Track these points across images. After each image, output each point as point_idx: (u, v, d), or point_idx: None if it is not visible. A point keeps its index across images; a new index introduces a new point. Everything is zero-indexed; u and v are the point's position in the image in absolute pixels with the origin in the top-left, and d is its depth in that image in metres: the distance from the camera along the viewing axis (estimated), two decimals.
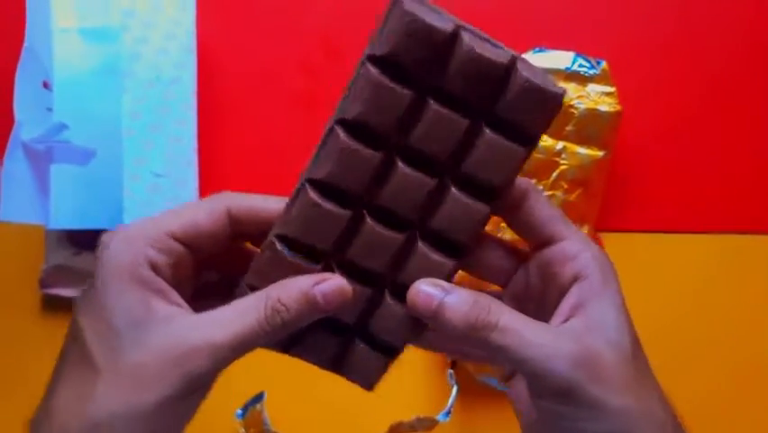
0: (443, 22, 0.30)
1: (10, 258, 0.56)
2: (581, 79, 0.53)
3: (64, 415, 0.28)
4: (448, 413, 0.51)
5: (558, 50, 0.53)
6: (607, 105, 0.52)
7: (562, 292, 0.30)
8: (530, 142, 0.32)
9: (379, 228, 0.31)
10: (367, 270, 0.31)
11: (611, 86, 0.52)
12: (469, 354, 0.36)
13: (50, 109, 0.52)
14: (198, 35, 0.53)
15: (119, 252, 0.28)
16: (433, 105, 0.31)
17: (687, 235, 0.56)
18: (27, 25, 0.51)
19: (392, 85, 0.31)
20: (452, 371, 0.53)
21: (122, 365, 0.27)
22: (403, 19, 0.30)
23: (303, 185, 0.31)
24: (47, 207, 0.51)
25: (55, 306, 0.55)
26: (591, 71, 0.52)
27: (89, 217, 0.51)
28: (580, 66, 0.53)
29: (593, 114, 0.52)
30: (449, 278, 0.32)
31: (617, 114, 0.52)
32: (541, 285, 0.32)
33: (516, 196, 0.31)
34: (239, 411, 0.52)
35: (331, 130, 0.31)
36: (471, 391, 0.54)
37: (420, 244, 0.31)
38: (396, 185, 0.31)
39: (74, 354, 0.29)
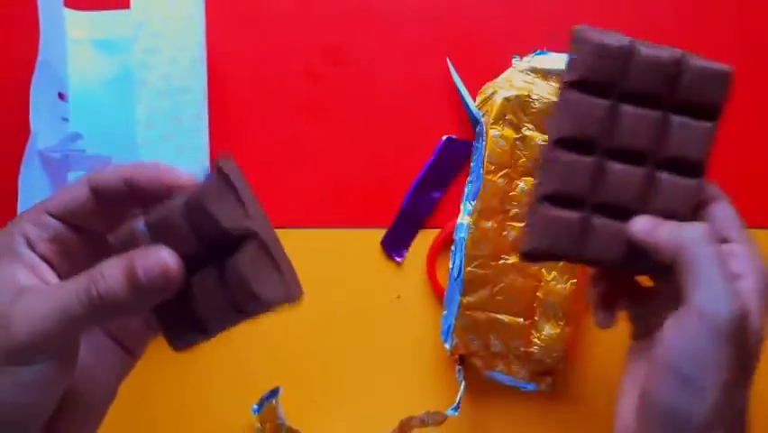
0: (618, 40, 0.39)
1: None
2: None
3: None
4: (457, 408, 0.52)
5: (559, 53, 0.54)
6: None
7: None
8: (715, 116, 0.40)
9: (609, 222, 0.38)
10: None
11: None
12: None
13: (65, 119, 0.53)
14: (208, 45, 0.54)
15: (6, 231, 0.30)
16: (626, 107, 0.39)
17: None
18: (41, 39, 0.52)
19: (590, 99, 0.39)
20: (460, 367, 0.54)
21: None
22: (588, 45, 0.39)
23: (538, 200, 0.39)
24: None
25: None
26: None
27: None
28: None
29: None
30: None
31: None
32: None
33: (703, 200, 0.37)
34: (255, 406, 0.54)
35: (549, 150, 0.39)
36: (479, 387, 0.55)
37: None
38: (612, 183, 0.38)
39: None
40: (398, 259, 0.57)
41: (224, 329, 0.31)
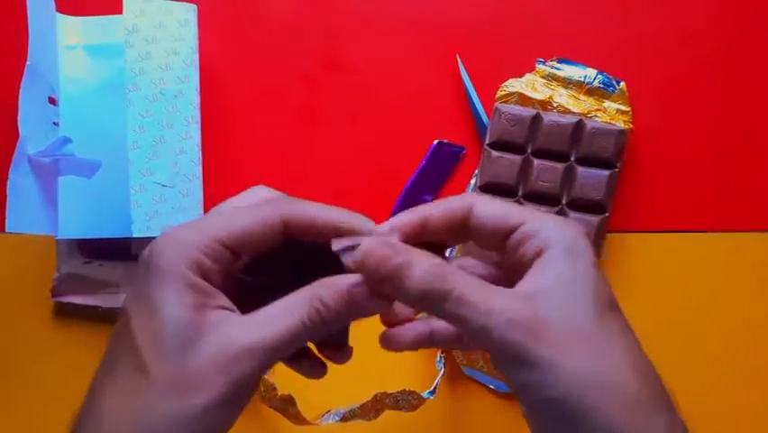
0: (527, 111, 0.54)
1: (23, 267, 0.57)
2: (600, 95, 0.55)
3: (114, 414, 0.28)
4: (433, 392, 0.53)
5: (581, 65, 0.56)
6: (621, 123, 0.54)
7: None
8: (612, 166, 0.53)
9: None
10: None
11: (627, 105, 0.55)
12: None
13: (56, 124, 0.53)
14: (201, 50, 0.54)
15: (172, 256, 0.29)
16: (537, 161, 0.54)
17: (694, 234, 0.57)
18: (30, 45, 0.52)
19: (507, 156, 0.54)
20: (441, 355, 0.55)
21: (173, 370, 0.28)
22: (503, 116, 0.54)
23: None
24: (54, 218, 0.52)
25: (66, 313, 0.56)
26: (610, 89, 0.55)
27: (97, 227, 0.52)
28: (601, 82, 0.55)
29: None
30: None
31: (630, 131, 0.54)
32: (519, 275, 0.31)
33: (461, 212, 0.32)
34: None
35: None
36: (459, 379, 0.56)
37: None
38: None
39: (124, 354, 0.29)
40: None
41: None
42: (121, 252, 0.54)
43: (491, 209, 0.31)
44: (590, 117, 0.54)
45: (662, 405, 0.29)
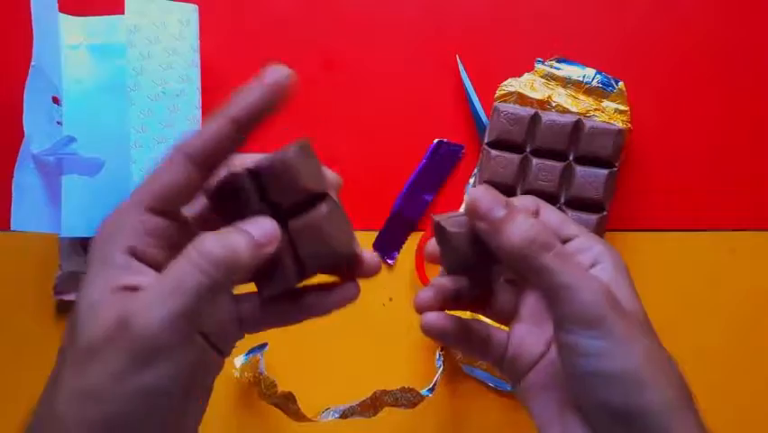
0: (525, 110, 0.54)
1: (26, 265, 0.57)
2: (599, 94, 0.56)
3: (44, 405, 0.29)
4: (432, 389, 0.53)
5: (580, 64, 0.56)
6: (620, 123, 0.55)
7: None
8: (610, 165, 0.53)
9: None
10: None
11: (626, 105, 0.55)
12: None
13: (59, 123, 0.54)
14: (202, 50, 0.55)
15: (102, 238, 0.29)
16: (535, 160, 0.54)
17: (692, 233, 0.58)
18: (34, 46, 0.52)
19: (506, 155, 0.54)
20: (441, 352, 0.55)
21: (76, 348, 0.27)
22: (502, 115, 0.54)
23: None
24: (57, 216, 0.53)
25: (69, 311, 0.56)
26: (609, 88, 0.55)
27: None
28: (600, 82, 0.56)
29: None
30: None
31: (629, 131, 0.55)
32: None
33: (532, 210, 0.35)
34: (243, 356, 0.54)
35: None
36: (458, 377, 0.56)
37: None
38: None
39: (63, 342, 0.29)
40: (390, 261, 0.57)
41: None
42: None
43: (554, 214, 0.36)
44: (589, 117, 0.55)
45: (692, 402, 0.33)
